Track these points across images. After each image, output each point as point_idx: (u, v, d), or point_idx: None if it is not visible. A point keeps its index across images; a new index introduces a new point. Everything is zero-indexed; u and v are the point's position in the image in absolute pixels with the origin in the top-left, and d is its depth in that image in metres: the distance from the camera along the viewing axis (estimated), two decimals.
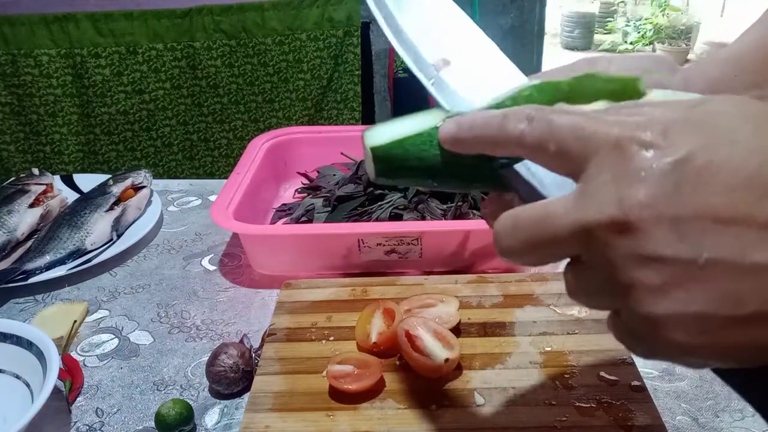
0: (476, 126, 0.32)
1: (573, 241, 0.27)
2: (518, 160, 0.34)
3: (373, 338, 0.61)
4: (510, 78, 0.39)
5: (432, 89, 0.38)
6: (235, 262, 0.85)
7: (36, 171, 0.99)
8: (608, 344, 0.60)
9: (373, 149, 0.37)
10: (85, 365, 0.67)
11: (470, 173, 0.37)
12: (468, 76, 0.38)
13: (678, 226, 0.25)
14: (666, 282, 0.25)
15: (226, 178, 0.90)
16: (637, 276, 0.26)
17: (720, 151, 0.25)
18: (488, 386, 0.56)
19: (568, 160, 0.28)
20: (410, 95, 1.87)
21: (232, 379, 0.61)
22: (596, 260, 0.27)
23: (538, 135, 0.29)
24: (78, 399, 0.63)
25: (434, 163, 0.36)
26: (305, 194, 0.96)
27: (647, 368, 0.62)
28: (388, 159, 0.37)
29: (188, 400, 0.59)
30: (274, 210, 0.94)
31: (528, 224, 0.29)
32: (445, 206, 0.84)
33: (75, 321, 0.72)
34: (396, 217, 0.83)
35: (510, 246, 0.30)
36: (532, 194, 0.33)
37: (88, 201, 0.92)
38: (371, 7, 0.40)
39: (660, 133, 0.26)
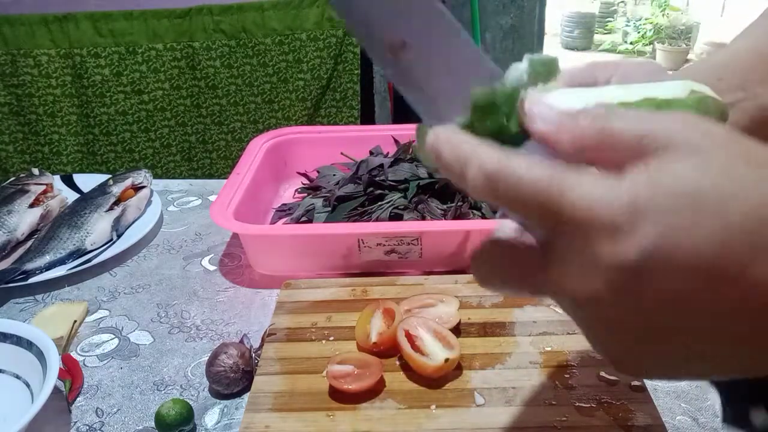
0: (444, 157, 0.30)
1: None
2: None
3: (373, 338, 0.61)
4: (477, 65, 0.35)
5: (388, 74, 0.35)
6: (235, 262, 0.85)
7: (36, 171, 0.99)
8: None
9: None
10: (85, 365, 0.67)
11: None
12: (429, 62, 0.34)
13: (634, 314, 0.26)
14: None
15: (224, 179, 0.90)
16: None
17: (682, 243, 0.24)
18: (488, 386, 0.56)
19: (537, 226, 0.29)
20: None
21: (232, 379, 0.61)
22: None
23: (503, 201, 0.28)
24: (78, 399, 0.63)
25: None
26: (305, 194, 0.96)
27: None
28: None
29: (188, 400, 0.59)
30: (274, 210, 0.94)
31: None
32: (445, 206, 0.84)
33: (75, 321, 0.72)
34: (396, 217, 0.84)
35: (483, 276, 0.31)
36: None
37: (88, 201, 0.92)
38: None
39: (626, 220, 0.24)
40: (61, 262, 0.83)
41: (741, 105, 0.42)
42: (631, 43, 5.13)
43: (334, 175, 0.96)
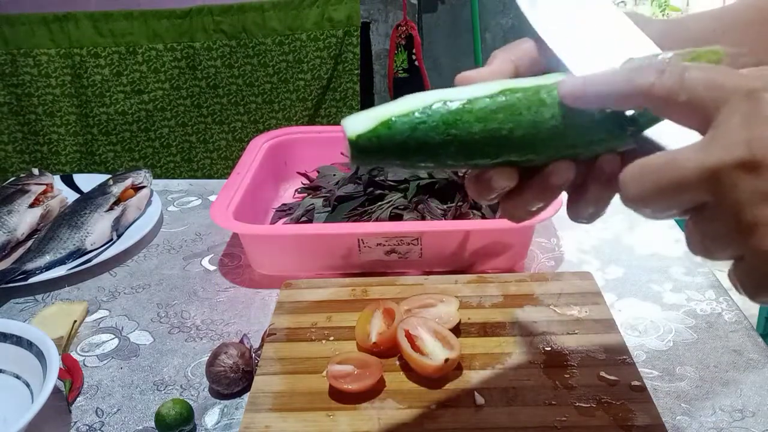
0: (604, 81, 0.33)
1: (700, 185, 0.28)
2: (650, 123, 0.34)
3: (373, 338, 0.61)
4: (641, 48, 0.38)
5: (564, 60, 0.38)
6: (235, 262, 0.85)
7: (36, 171, 0.99)
8: (608, 344, 0.61)
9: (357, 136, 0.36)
10: (85, 365, 0.67)
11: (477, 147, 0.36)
12: (600, 52, 0.38)
13: None
14: None
15: (224, 179, 0.90)
16: (763, 213, 0.26)
17: None
18: (488, 386, 0.56)
19: (698, 110, 0.29)
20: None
21: (232, 379, 0.61)
22: (722, 203, 0.28)
23: (668, 86, 0.30)
24: (78, 399, 0.63)
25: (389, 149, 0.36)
26: (305, 194, 0.96)
27: (647, 368, 0.62)
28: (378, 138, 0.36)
29: (188, 400, 0.59)
30: (274, 210, 0.94)
31: (656, 169, 0.30)
32: (445, 206, 0.84)
33: (75, 321, 0.72)
34: (396, 217, 0.83)
35: (636, 192, 0.30)
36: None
37: (88, 201, 0.92)
38: None
39: None
40: (61, 262, 0.83)
41: (740, 61, 0.42)
42: None
43: (334, 175, 0.96)
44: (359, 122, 0.36)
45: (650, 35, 0.41)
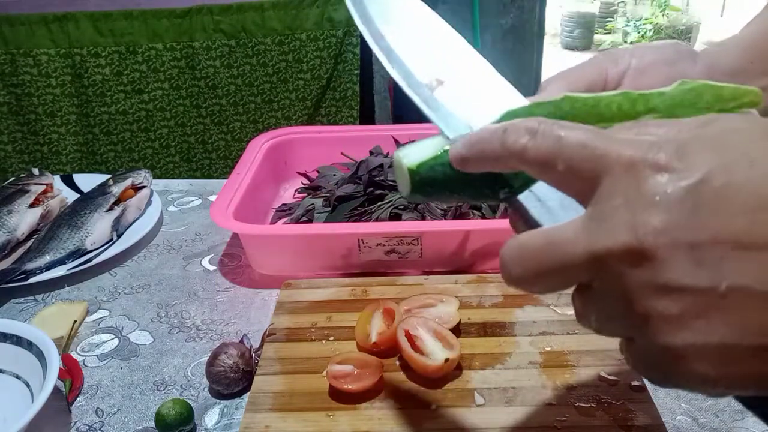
0: (479, 142, 0.30)
1: (584, 269, 0.26)
2: (522, 188, 0.32)
3: (373, 338, 0.61)
4: (508, 97, 0.36)
5: (426, 110, 0.36)
6: (235, 262, 0.85)
7: (36, 171, 0.99)
8: (608, 344, 0.60)
9: (411, 169, 0.35)
10: (85, 365, 0.67)
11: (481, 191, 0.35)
12: (463, 96, 0.36)
13: (696, 253, 0.23)
14: (685, 312, 0.24)
15: (224, 179, 0.90)
16: (653, 306, 0.24)
17: (738, 172, 0.23)
18: (488, 386, 0.56)
19: (577, 180, 0.27)
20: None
21: (232, 379, 0.61)
22: (609, 288, 0.26)
23: (544, 151, 0.27)
24: (78, 399, 0.63)
25: (451, 180, 0.34)
26: (305, 194, 0.96)
27: None
28: (427, 175, 0.35)
29: (188, 400, 0.59)
30: (274, 210, 0.94)
31: (536, 252, 0.27)
32: (445, 206, 0.84)
33: (75, 321, 0.72)
34: (396, 217, 0.83)
35: (518, 275, 0.28)
36: (535, 222, 0.32)
37: (88, 201, 0.92)
38: (357, 23, 0.38)
39: (674, 154, 0.24)
40: (61, 262, 0.83)
41: None
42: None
43: (334, 175, 0.96)
44: (417, 151, 0.34)
45: (700, 67, 0.40)
